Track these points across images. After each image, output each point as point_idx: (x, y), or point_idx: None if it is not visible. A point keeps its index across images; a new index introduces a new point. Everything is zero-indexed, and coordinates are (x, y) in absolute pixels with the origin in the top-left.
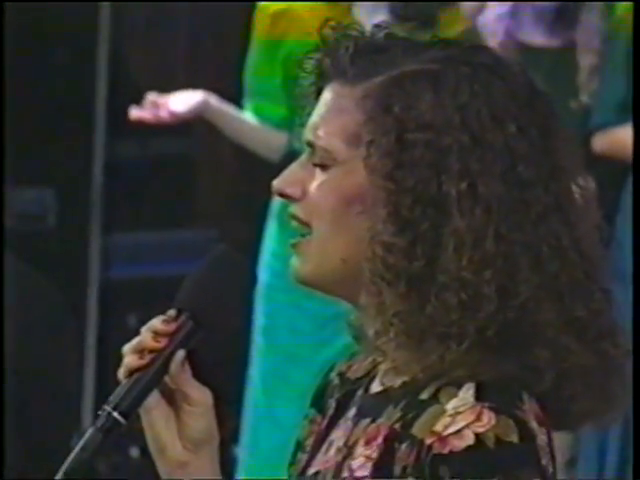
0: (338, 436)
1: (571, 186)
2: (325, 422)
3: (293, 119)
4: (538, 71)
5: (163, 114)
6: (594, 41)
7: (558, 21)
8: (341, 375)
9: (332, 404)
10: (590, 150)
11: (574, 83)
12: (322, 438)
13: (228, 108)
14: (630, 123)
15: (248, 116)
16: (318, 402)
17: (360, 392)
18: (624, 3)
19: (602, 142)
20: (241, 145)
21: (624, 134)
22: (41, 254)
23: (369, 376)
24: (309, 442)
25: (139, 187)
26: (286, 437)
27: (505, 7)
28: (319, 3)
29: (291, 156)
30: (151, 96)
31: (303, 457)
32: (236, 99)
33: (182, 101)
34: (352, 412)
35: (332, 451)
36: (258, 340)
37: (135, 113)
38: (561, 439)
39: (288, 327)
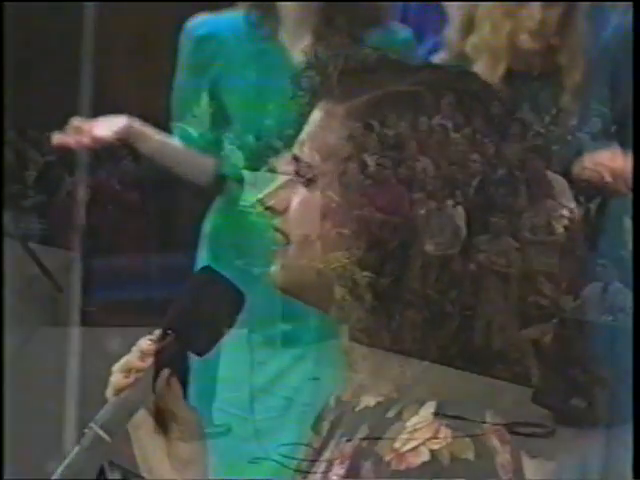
0: (326, 457)
1: (549, 213)
2: (319, 443)
3: (219, 143)
4: (523, 95)
5: (86, 140)
6: (579, 61)
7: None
8: (337, 398)
9: (326, 426)
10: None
11: (558, 106)
12: (316, 459)
13: (153, 132)
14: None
15: (175, 140)
16: (316, 425)
17: (348, 413)
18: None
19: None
20: (167, 170)
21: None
22: None
23: (358, 397)
24: (305, 464)
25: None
26: None
27: None
28: (243, 29)
29: (219, 180)
30: (75, 121)
31: (299, 478)
32: None
33: (105, 126)
34: (339, 433)
35: (321, 470)
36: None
37: (58, 138)
38: (543, 472)
39: None
